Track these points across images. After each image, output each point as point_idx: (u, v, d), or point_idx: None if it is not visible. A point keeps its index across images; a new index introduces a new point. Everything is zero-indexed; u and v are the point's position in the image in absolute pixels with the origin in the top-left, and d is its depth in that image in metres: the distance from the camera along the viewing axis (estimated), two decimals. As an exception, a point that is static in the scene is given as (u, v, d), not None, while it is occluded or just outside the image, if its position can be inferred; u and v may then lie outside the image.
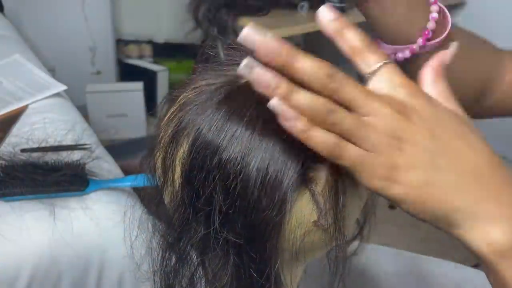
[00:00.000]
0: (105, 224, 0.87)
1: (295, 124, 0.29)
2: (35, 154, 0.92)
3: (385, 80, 0.32)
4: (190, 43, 2.08)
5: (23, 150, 0.97)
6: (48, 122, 1.11)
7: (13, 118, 1.14)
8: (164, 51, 2.33)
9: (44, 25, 2.00)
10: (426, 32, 0.47)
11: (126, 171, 1.06)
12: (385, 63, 0.32)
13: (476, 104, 0.54)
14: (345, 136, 0.31)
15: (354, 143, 0.31)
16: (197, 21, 1.59)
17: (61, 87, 1.28)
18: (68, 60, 2.07)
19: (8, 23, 1.72)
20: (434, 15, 0.46)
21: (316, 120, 0.30)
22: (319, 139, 0.30)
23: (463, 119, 0.34)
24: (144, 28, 2.27)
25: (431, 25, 0.46)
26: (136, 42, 2.32)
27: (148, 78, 2.17)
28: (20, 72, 1.34)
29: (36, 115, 1.15)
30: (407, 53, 0.48)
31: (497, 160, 0.32)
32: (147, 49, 2.34)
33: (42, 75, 1.34)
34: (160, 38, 2.29)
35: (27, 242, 0.83)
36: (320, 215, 0.34)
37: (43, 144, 0.99)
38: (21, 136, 1.02)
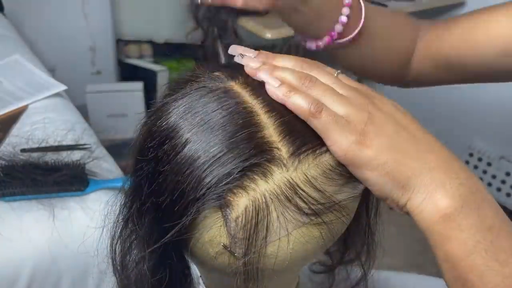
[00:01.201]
0: (107, 221, 0.87)
1: (278, 90, 0.34)
2: (35, 154, 0.92)
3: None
4: (190, 43, 2.08)
5: (23, 150, 0.97)
6: (48, 122, 1.11)
7: (13, 118, 1.14)
8: (164, 51, 2.33)
9: (44, 25, 2.00)
10: (332, 33, 0.51)
11: (126, 171, 1.06)
12: (338, 73, 0.38)
13: (401, 74, 0.59)
14: (321, 100, 0.35)
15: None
16: (197, 21, 1.58)
17: (61, 87, 1.28)
18: (68, 60, 2.07)
19: (8, 23, 1.72)
20: (343, 18, 0.48)
21: (295, 87, 0.35)
22: (298, 100, 0.34)
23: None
24: (144, 28, 2.27)
25: (338, 27, 0.49)
26: (136, 42, 2.31)
27: (148, 78, 2.17)
28: (20, 72, 1.34)
29: (36, 115, 1.15)
30: (321, 44, 0.53)
31: (438, 141, 0.36)
32: (147, 49, 2.34)
33: (42, 75, 1.34)
34: (160, 38, 2.29)
35: (27, 242, 0.83)
36: (232, 242, 0.33)
37: (43, 144, 0.99)
38: (21, 136, 1.02)
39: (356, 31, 0.49)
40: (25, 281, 0.83)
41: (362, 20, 0.49)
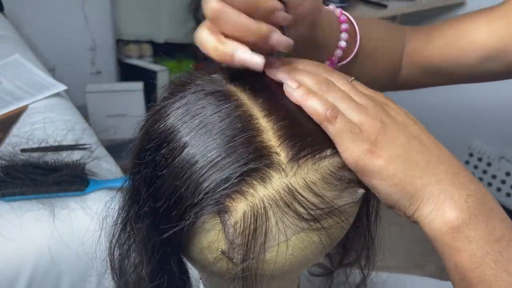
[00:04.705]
0: (105, 224, 0.87)
1: (296, 92, 0.35)
2: (35, 154, 0.92)
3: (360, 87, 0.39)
4: (190, 43, 2.08)
5: (23, 150, 0.97)
6: (48, 122, 1.11)
7: (13, 118, 1.14)
8: (164, 51, 2.33)
9: (44, 25, 2.00)
10: (332, 58, 0.51)
11: (126, 171, 1.06)
12: (352, 80, 0.39)
13: (392, 82, 0.61)
14: (337, 105, 0.35)
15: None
16: (197, 21, 1.59)
17: (61, 87, 1.28)
18: (68, 60, 2.07)
19: (8, 23, 1.72)
20: (342, 44, 0.49)
21: (313, 90, 0.35)
22: (315, 104, 0.34)
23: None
24: (144, 28, 2.27)
25: (338, 53, 0.50)
26: (136, 42, 2.31)
27: (148, 78, 2.16)
28: (20, 72, 1.34)
29: (36, 115, 1.15)
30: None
31: (449, 151, 0.37)
32: (147, 49, 2.33)
33: (42, 75, 1.34)
34: (160, 38, 2.29)
35: (27, 242, 0.83)
36: (231, 247, 0.32)
37: (43, 144, 0.99)
38: (21, 136, 1.02)
39: (352, 55, 0.50)
40: (25, 281, 0.83)
41: (357, 45, 0.51)
